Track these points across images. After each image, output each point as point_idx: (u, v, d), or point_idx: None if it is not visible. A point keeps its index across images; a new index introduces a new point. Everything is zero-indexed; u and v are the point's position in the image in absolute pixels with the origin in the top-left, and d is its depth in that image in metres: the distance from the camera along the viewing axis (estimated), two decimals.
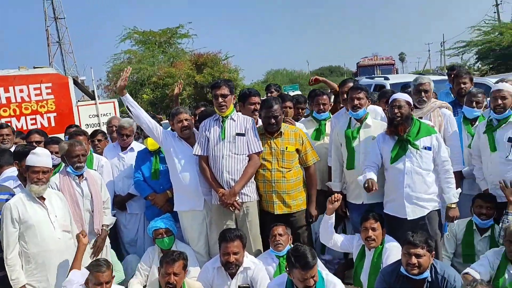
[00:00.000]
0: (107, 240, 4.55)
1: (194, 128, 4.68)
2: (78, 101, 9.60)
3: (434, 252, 3.47)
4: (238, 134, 4.31)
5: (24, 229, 3.76)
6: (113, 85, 25.57)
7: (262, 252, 4.44)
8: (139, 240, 5.26)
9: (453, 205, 4.10)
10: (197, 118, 5.14)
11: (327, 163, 4.93)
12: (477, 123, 4.75)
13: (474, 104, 4.74)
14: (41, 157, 3.83)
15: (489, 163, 4.30)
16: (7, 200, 3.86)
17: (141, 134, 5.64)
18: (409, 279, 3.43)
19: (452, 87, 5.83)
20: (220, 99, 4.28)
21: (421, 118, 4.46)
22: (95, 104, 9.21)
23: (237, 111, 4.58)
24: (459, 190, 4.19)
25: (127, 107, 4.45)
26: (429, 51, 51.58)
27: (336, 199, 4.15)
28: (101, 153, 5.47)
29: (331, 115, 5.24)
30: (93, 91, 9.80)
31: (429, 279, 3.40)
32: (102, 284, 3.50)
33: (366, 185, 4.02)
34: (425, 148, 4.07)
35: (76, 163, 4.31)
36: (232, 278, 4.09)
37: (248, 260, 4.13)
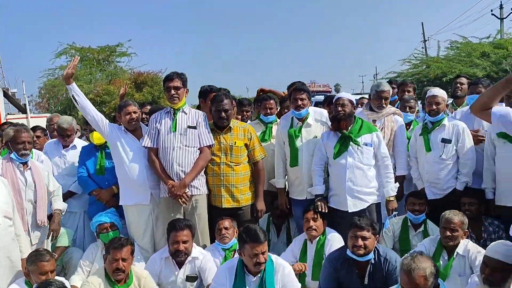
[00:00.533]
0: None
1: (140, 122, 4.66)
2: (8, 114, 9.13)
3: (378, 236, 3.67)
4: (189, 127, 4.36)
5: None
6: (45, 102, 24.59)
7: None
8: (78, 240, 5.07)
9: (392, 198, 4.39)
10: (143, 116, 5.12)
11: (273, 164, 5.07)
12: (411, 127, 5.14)
13: (407, 109, 5.17)
14: None
15: (425, 162, 4.64)
16: None
17: (87, 129, 5.49)
18: (354, 261, 3.59)
19: (396, 99, 6.18)
20: (173, 91, 4.33)
21: (374, 121, 4.77)
22: (26, 118, 8.81)
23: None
24: (397, 184, 4.48)
25: (72, 96, 4.36)
26: (362, 82, 54.27)
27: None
28: (40, 150, 5.28)
29: (277, 119, 5.43)
30: (25, 105, 9.39)
31: (373, 261, 3.58)
32: (47, 273, 3.40)
33: (318, 209, 4.28)
34: (366, 145, 4.33)
35: (21, 150, 4.14)
36: (180, 268, 4.06)
37: (196, 250, 4.14)
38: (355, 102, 4.56)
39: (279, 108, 5.75)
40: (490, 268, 2.96)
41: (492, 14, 24.48)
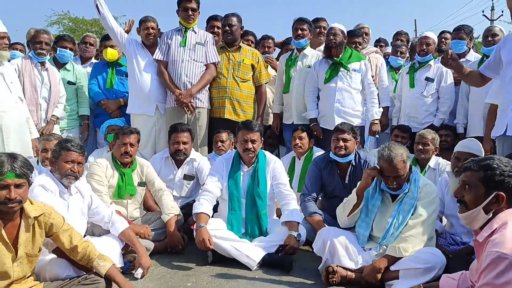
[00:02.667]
0: None
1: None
2: None
3: (358, 140, 4.06)
4: (198, 43, 4.78)
5: None
6: None
7: None
8: None
9: (376, 121, 4.82)
10: None
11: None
12: (400, 71, 5.59)
13: (398, 53, 5.63)
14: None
15: (407, 98, 5.11)
16: None
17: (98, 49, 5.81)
18: (336, 163, 4.00)
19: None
20: (190, 12, 4.74)
21: None
22: None
23: None
24: (381, 109, 4.93)
25: (96, 5, 4.69)
26: None
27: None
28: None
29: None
30: None
31: (353, 163, 3.98)
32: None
33: (315, 132, 4.76)
34: (355, 70, 4.78)
35: (38, 49, 4.51)
36: (178, 168, 4.44)
37: (194, 153, 4.52)
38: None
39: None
40: (462, 160, 3.30)
41: (483, 15, 25.12)
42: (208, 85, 4.88)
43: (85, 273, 2.71)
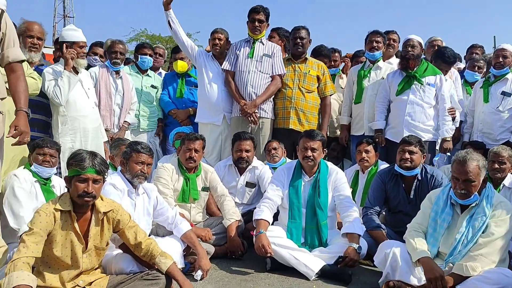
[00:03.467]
0: None
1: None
2: None
3: (425, 154, 3.91)
4: (265, 55, 4.86)
5: None
6: None
7: None
8: None
9: (448, 139, 4.62)
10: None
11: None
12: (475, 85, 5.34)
13: (476, 68, 5.36)
14: (80, 32, 4.32)
15: (481, 113, 4.86)
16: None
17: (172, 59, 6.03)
18: (402, 176, 3.88)
19: None
20: (257, 23, 4.85)
21: None
22: None
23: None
24: (453, 127, 4.72)
25: (168, 22, 4.93)
26: None
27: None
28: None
29: (340, 72, 5.83)
30: None
31: (419, 177, 3.84)
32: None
33: (377, 139, 4.69)
34: (429, 84, 4.63)
35: (113, 59, 4.81)
36: (241, 175, 4.52)
37: (257, 161, 4.58)
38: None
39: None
40: None
41: None
42: (273, 96, 4.94)
43: (147, 269, 2.81)
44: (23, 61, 2.97)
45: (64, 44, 4.26)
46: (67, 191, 2.64)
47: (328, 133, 5.32)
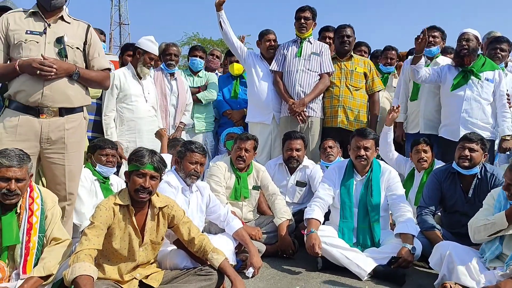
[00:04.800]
0: None
1: None
2: None
3: (487, 153, 3.75)
4: (313, 53, 4.85)
5: (123, 96, 4.43)
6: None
7: None
8: None
9: (508, 137, 4.36)
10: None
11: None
12: None
13: None
14: (156, 46, 4.54)
15: None
16: None
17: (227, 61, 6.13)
18: (460, 175, 3.74)
19: None
20: (302, 21, 4.84)
21: None
22: None
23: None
24: None
25: (219, 22, 5.01)
26: None
27: (396, 110, 4.52)
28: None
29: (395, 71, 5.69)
30: None
31: (479, 176, 3.69)
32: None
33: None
34: (487, 80, 4.42)
35: (168, 61, 4.97)
36: (291, 174, 4.52)
37: (307, 160, 4.57)
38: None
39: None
40: None
41: None
42: (322, 95, 4.91)
43: (200, 265, 2.88)
44: (107, 69, 3.27)
45: (137, 50, 4.53)
46: (126, 187, 2.75)
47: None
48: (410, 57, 4.69)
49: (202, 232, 3.43)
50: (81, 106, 3.16)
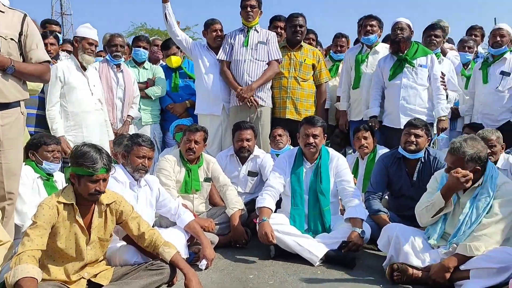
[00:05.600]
0: None
1: None
2: None
3: (430, 138, 3.90)
4: (260, 42, 4.85)
5: (66, 89, 4.24)
6: None
7: None
8: None
9: (443, 118, 4.56)
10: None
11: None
12: (469, 66, 5.34)
13: (466, 49, 5.38)
14: (94, 31, 4.35)
15: (481, 94, 4.83)
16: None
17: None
18: (405, 159, 3.87)
19: None
20: (249, 9, 4.82)
21: None
22: None
23: None
24: (449, 105, 4.69)
25: (165, 14, 4.89)
26: None
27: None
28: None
29: None
30: None
31: (422, 160, 3.83)
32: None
33: (371, 124, 4.65)
34: (421, 66, 4.60)
35: (113, 52, 4.81)
36: (242, 165, 4.52)
37: (258, 150, 4.58)
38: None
39: None
40: None
41: None
42: (270, 85, 4.93)
43: (152, 260, 2.82)
44: (47, 61, 3.09)
45: (75, 38, 4.34)
46: (70, 184, 2.64)
47: (329, 120, 5.33)
48: (353, 46, 4.80)
49: (153, 226, 3.37)
50: (18, 101, 2.99)
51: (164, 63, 5.70)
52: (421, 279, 3.00)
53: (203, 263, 3.24)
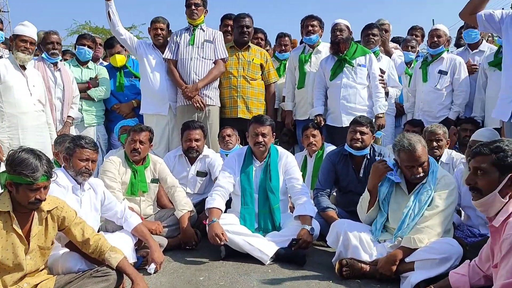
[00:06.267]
0: None
1: None
2: None
3: (374, 135, 4.00)
4: (206, 41, 4.80)
5: (3, 89, 4.00)
6: None
7: None
8: None
9: (381, 115, 4.70)
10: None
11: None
12: (412, 65, 5.53)
13: (409, 48, 5.57)
14: (29, 28, 4.11)
15: (421, 92, 5.03)
16: None
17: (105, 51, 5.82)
18: (351, 156, 3.95)
19: None
20: (193, 7, 4.76)
21: None
22: None
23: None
24: (386, 103, 4.83)
25: (108, 12, 4.73)
26: None
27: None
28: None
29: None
30: None
31: (368, 156, 3.92)
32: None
33: (316, 121, 4.70)
34: (360, 65, 4.71)
35: (50, 50, 4.59)
36: (191, 165, 4.45)
37: (207, 149, 4.53)
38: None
39: None
40: None
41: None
42: (218, 83, 4.90)
43: (97, 266, 2.71)
44: None
45: (10, 37, 4.15)
46: (6, 191, 2.47)
47: (277, 118, 5.37)
48: (299, 45, 4.85)
49: (98, 231, 3.26)
50: None
51: (103, 62, 5.52)
52: (369, 273, 3.07)
53: (152, 267, 3.16)
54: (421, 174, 3.12)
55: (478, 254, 2.76)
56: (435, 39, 4.95)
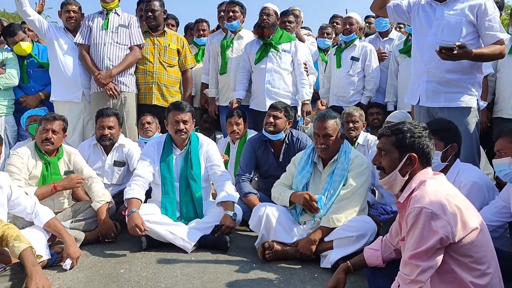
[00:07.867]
0: None
1: None
2: None
3: (291, 120, 4.07)
4: (121, 25, 4.61)
5: None
6: None
7: None
8: None
9: (306, 102, 4.80)
10: None
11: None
12: (328, 52, 5.70)
13: (325, 35, 5.72)
14: None
15: (335, 78, 5.23)
16: None
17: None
18: (270, 141, 4.00)
19: None
20: None
21: None
22: None
23: None
24: (311, 90, 4.97)
25: None
26: None
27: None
28: None
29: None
30: None
31: (287, 141, 4.00)
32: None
33: (229, 104, 4.72)
34: (284, 51, 4.77)
35: None
36: (107, 154, 4.26)
37: (124, 138, 4.36)
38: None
39: None
40: None
41: None
42: (134, 69, 4.73)
43: (4, 265, 2.52)
44: None
45: None
46: None
47: (194, 104, 5.29)
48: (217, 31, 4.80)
49: None
50: None
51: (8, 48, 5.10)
52: (291, 254, 3.16)
53: (67, 263, 3.01)
54: (322, 146, 3.25)
55: None
56: (347, 26, 5.15)
